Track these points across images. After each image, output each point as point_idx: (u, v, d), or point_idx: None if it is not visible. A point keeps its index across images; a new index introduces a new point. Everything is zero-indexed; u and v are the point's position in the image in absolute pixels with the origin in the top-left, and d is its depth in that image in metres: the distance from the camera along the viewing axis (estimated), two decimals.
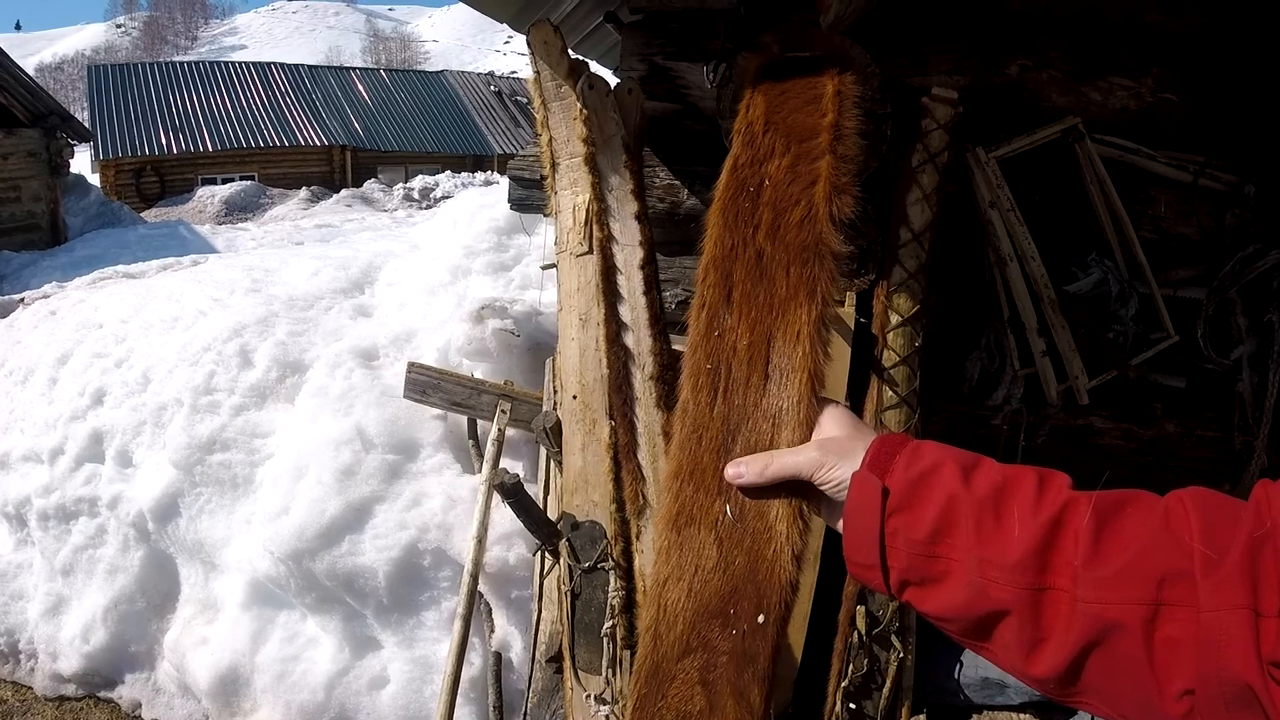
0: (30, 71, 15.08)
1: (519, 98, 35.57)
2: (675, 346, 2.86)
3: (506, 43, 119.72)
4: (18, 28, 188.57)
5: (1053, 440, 3.40)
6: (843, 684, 2.97)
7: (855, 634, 2.97)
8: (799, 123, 1.34)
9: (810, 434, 1.13)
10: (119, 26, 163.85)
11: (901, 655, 3.01)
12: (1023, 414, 3.33)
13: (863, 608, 2.98)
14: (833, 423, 1.13)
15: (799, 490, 1.11)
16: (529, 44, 2.79)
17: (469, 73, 40.83)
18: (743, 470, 1.13)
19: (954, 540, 0.93)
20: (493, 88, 36.71)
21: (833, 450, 1.07)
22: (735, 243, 1.27)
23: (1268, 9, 3.01)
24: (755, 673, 1.12)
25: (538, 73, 2.85)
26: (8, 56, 14.00)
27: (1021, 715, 3.21)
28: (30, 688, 4.52)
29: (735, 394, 1.20)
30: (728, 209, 1.30)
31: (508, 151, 31.33)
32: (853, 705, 2.99)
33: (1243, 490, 3.34)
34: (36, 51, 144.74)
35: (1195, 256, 3.30)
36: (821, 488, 1.07)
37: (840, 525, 1.06)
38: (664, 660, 1.17)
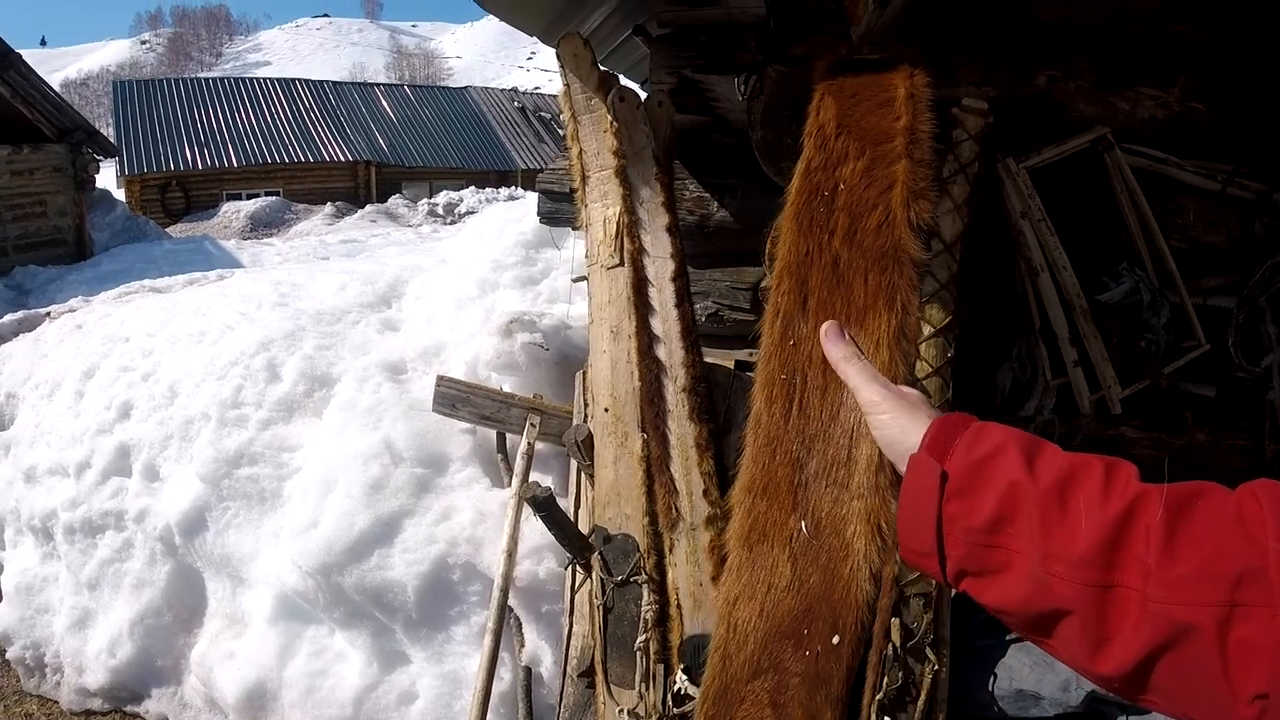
0: (56, 87, 15.21)
1: (542, 113, 35.71)
2: (707, 359, 2.86)
3: (530, 58, 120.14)
4: (43, 43, 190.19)
5: (1085, 449, 3.37)
6: (878, 696, 2.95)
7: (890, 646, 2.95)
8: (872, 125, 1.30)
9: None
10: (144, 43, 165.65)
11: (936, 667, 2.98)
12: (1055, 424, 3.31)
13: (897, 620, 2.95)
14: (914, 393, 1.10)
15: (868, 488, 1.08)
16: (559, 57, 2.80)
17: (493, 89, 41.02)
18: (833, 343, 1.12)
19: (1016, 530, 0.91)
20: (516, 103, 36.85)
21: (896, 402, 1.05)
22: (810, 248, 1.23)
23: None
24: (828, 695, 1.08)
25: (568, 85, 2.86)
26: (34, 72, 14.15)
27: None
28: (56, 701, 4.52)
29: (811, 406, 1.16)
30: (801, 214, 1.26)
31: (532, 167, 31.47)
32: (888, 718, 2.97)
33: None
34: (62, 67, 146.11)
35: (1225, 265, 3.28)
36: (870, 427, 1.05)
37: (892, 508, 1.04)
38: (733, 681, 1.13)
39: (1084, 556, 0.85)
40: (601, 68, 2.87)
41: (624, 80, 3.12)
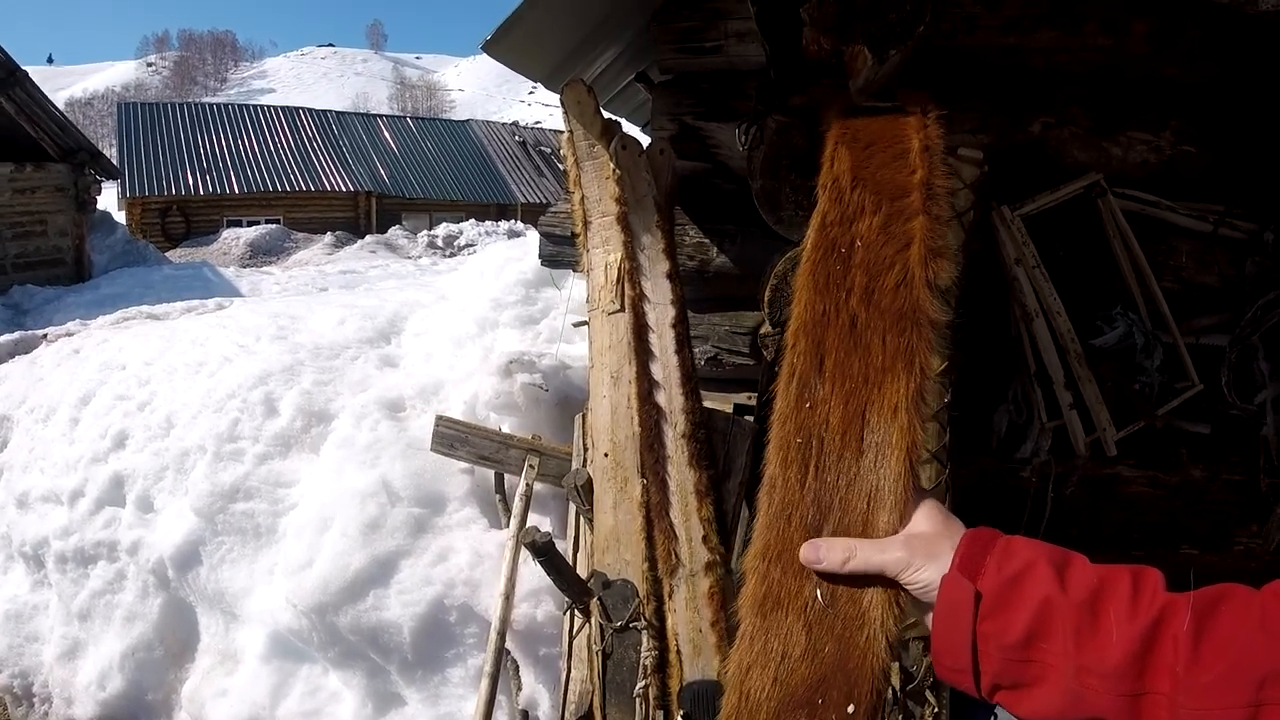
0: (60, 105, 15.23)
1: (543, 148, 35.90)
2: (706, 403, 2.87)
3: (531, 93, 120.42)
4: (50, 61, 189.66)
5: (1081, 490, 3.40)
6: None
7: (890, 690, 2.95)
8: (888, 179, 1.29)
9: (909, 517, 1.10)
10: (150, 65, 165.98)
11: (936, 710, 2.99)
12: (1051, 465, 3.33)
13: (896, 664, 2.96)
14: (923, 516, 1.10)
15: (883, 581, 1.07)
16: (563, 103, 2.83)
17: (494, 122, 41.44)
18: (822, 556, 1.09)
19: (1049, 645, 0.92)
20: (517, 137, 37.08)
21: (920, 550, 1.04)
22: (827, 308, 1.21)
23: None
24: None
25: (570, 132, 2.88)
26: (39, 90, 14.19)
27: None
28: None
29: (828, 470, 1.15)
30: (818, 271, 1.24)
31: (531, 200, 31.79)
32: None
33: (1272, 531, 3.34)
34: (67, 86, 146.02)
35: (1217, 304, 3.32)
36: (908, 588, 1.05)
37: (927, 621, 1.05)
38: None
39: (1116, 668, 0.87)
40: (605, 114, 2.90)
41: (626, 124, 3.15)
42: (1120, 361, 3.20)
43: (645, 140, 3.06)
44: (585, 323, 2.95)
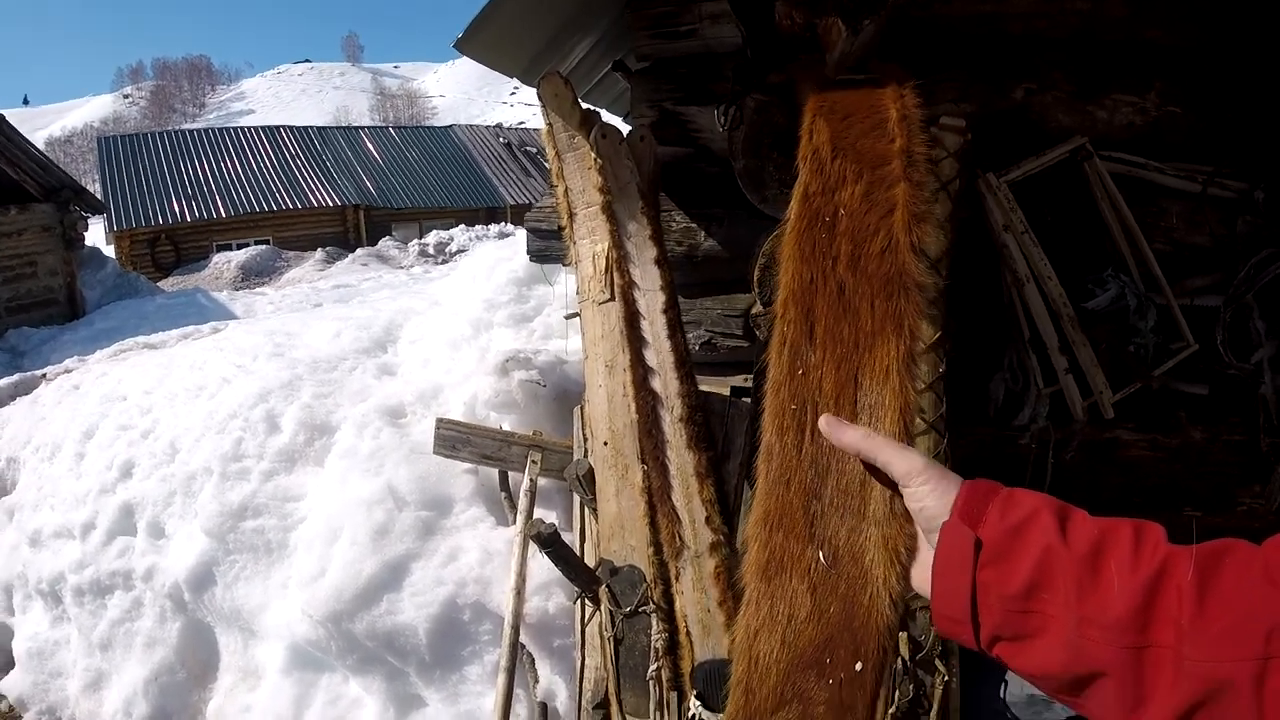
0: (40, 145, 15.22)
1: (528, 148, 35.76)
2: (702, 387, 2.88)
3: (513, 93, 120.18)
4: (25, 102, 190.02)
5: (1081, 455, 3.40)
6: (889, 710, 2.95)
7: (899, 660, 2.95)
8: (868, 148, 1.30)
9: None
10: (126, 97, 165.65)
11: (946, 679, 2.99)
12: (1050, 432, 3.33)
13: (905, 633, 2.96)
14: None
15: (884, 517, 1.08)
16: (540, 97, 2.84)
17: (477, 126, 41.08)
18: (845, 430, 1.09)
19: (1051, 596, 0.91)
20: (502, 139, 36.92)
21: (935, 470, 1.04)
22: (814, 276, 1.22)
23: (1262, 17, 3.04)
24: None
25: (550, 124, 2.89)
26: (17, 132, 14.16)
27: None
28: None
29: (823, 435, 1.14)
30: (803, 240, 1.25)
31: (520, 202, 31.54)
32: None
33: (1274, 492, 3.33)
34: (45, 125, 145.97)
35: (1209, 264, 3.30)
36: (907, 501, 1.05)
37: (915, 577, 1.04)
38: (757, 714, 1.11)
39: (1119, 620, 0.86)
40: (583, 105, 2.91)
41: (606, 115, 3.16)
42: (1114, 324, 3.19)
43: (627, 130, 3.07)
44: (577, 314, 2.96)
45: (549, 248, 3.66)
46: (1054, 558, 0.92)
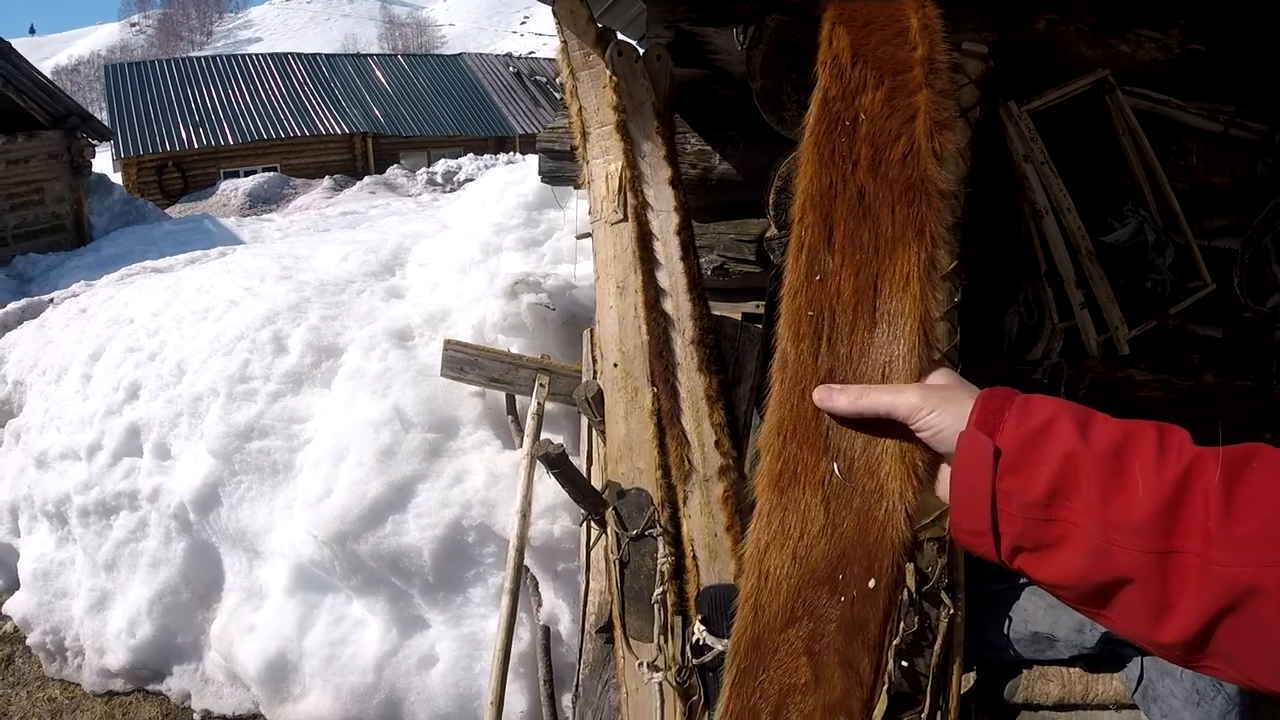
0: (47, 74, 15.02)
1: (538, 77, 35.30)
2: (714, 312, 2.86)
3: (524, 23, 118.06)
4: (32, 32, 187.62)
5: (1094, 394, 3.38)
6: (894, 642, 2.96)
7: (905, 591, 2.96)
8: (889, 55, 1.26)
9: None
10: (133, 25, 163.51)
11: (952, 612, 3.00)
12: (1063, 368, 3.31)
13: (912, 565, 2.96)
14: (939, 377, 1.08)
15: (901, 433, 1.05)
16: (555, 13, 2.78)
17: (487, 54, 40.50)
18: (836, 397, 1.08)
19: (1073, 502, 0.88)
20: (511, 69, 36.40)
21: (934, 395, 1.02)
22: (834, 180, 1.19)
23: None
24: (865, 641, 1.05)
25: (565, 42, 2.83)
26: (24, 60, 14.02)
27: (1071, 669, 3.20)
28: (78, 685, 4.56)
29: (840, 343, 1.14)
30: (822, 144, 1.21)
31: (529, 132, 31.02)
32: (905, 663, 2.97)
33: None
34: (52, 54, 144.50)
35: (1228, 206, 3.27)
36: (920, 435, 1.02)
37: (941, 487, 1.01)
38: (766, 631, 1.09)
39: (1143, 523, 0.83)
40: (598, 24, 2.85)
41: (621, 39, 3.10)
42: (1131, 259, 3.16)
43: (642, 51, 3.02)
44: (589, 235, 2.92)
45: (561, 169, 3.61)
46: (1075, 462, 0.89)
